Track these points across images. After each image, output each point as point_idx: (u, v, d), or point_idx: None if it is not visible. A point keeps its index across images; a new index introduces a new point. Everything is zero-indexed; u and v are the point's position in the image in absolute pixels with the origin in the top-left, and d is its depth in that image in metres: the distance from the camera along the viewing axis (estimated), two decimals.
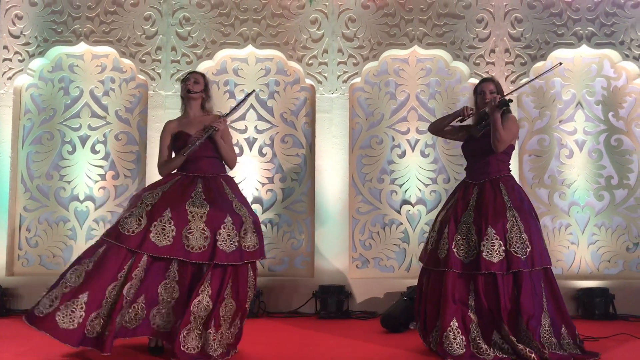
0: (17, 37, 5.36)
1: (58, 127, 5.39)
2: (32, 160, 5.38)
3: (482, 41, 5.28)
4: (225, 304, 3.38)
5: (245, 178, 5.29)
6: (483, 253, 3.42)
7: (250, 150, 5.35)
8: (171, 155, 3.75)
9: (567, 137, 5.29)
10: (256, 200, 5.30)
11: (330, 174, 5.22)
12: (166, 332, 3.36)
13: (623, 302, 4.88)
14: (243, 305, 3.50)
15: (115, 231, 3.38)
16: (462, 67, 5.33)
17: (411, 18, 5.31)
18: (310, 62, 5.31)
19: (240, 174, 5.22)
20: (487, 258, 3.41)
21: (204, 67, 5.34)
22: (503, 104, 3.56)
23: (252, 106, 5.39)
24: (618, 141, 5.27)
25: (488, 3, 5.30)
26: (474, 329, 3.41)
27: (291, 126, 5.39)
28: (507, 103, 3.57)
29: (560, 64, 3.97)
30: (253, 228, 3.54)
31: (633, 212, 5.21)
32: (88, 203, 5.33)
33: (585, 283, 5.01)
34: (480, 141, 3.70)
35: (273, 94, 5.40)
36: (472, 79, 5.27)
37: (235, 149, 4.06)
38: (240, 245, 3.45)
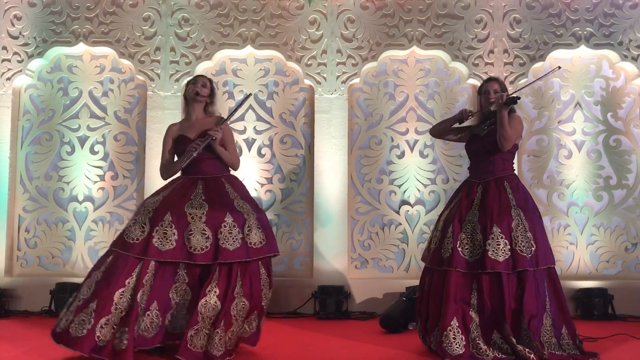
0: (16, 38, 5.35)
1: (57, 128, 5.38)
2: (31, 161, 5.38)
3: (481, 42, 5.28)
4: (236, 303, 3.38)
5: (244, 179, 5.25)
6: (488, 252, 3.42)
7: (249, 150, 5.35)
8: (173, 158, 3.78)
9: (566, 138, 5.30)
10: (255, 200, 5.28)
11: (329, 175, 5.22)
12: (181, 333, 3.38)
13: (622, 303, 4.88)
14: (258, 304, 3.50)
15: (120, 240, 3.45)
16: (461, 68, 5.33)
17: (410, 19, 5.31)
18: (309, 63, 5.31)
19: (239, 175, 5.19)
20: (493, 257, 3.41)
21: (203, 68, 5.35)
22: (511, 102, 3.53)
23: (251, 107, 5.39)
24: (617, 141, 5.27)
25: (487, 4, 5.31)
26: (474, 329, 3.41)
27: (290, 127, 5.39)
28: (515, 101, 3.53)
29: (559, 68, 3.97)
30: (257, 224, 3.54)
31: (632, 213, 5.22)
32: (87, 204, 5.33)
33: (584, 283, 5.01)
34: (484, 140, 3.69)
35: (272, 95, 5.40)
36: (471, 80, 5.28)
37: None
38: (244, 242, 3.44)
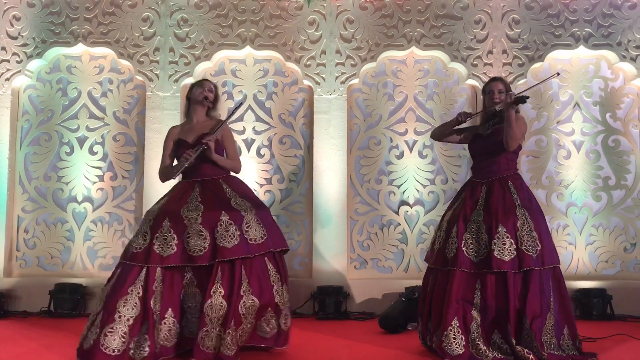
0: (15, 38, 5.35)
1: (56, 129, 5.38)
2: (30, 161, 5.37)
3: (480, 42, 5.29)
4: (244, 302, 3.37)
5: (243, 179, 5.26)
6: (494, 251, 3.41)
7: (248, 151, 5.35)
8: (172, 162, 3.80)
9: (565, 138, 5.30)
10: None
11: (328, 175, 5.22)
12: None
13: (621, 303, 4.89)
14: (270, 301, 3.48)
15: (126, 251, 3.51)
16: (460, 68, 5.33)
17: (409, 19, 5.32)
18: (308, 63, 5.31)
19: (238, 175, 5.20)
20: (499, 257, 3.40)
21: (202, 69, 5.34)
22: (519, 101, 3.51)
23: (250, 107, 5.39)
24: (615, 142, 5.28)
25: (485, 4, 5.31)
26: (475, 330, 3.40)
27: (289, 127, 5.39)
28: (525, 100, 3.50)
29: (557, 74, 3.99)
30: (257, 220, 3.54)
31: (630, 213, 5.22)
32: (86, 204, 5.33)
33: (583, 284, 5.01)
34: (488, 140, 3.70)
35: (271, 95, 5.40)
36: (470, 80, 5.29)
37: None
38: (243, 239, 3.44)
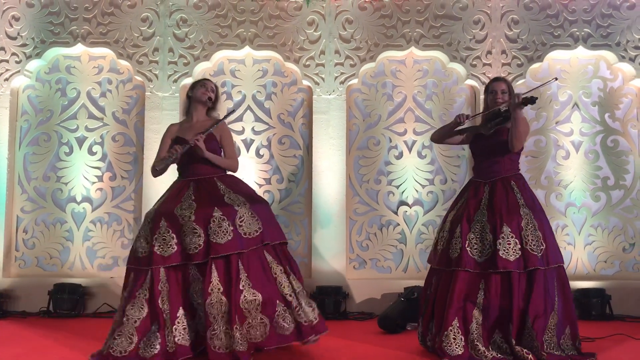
0: (14, 39, 5.35)
1: (55, 129, 5.38)
2: (29, 161, 5.37)
3: (479, 43, 5.29)
4: (244, 296, 3.37)
5: (242, 178, 5.28)
6: (500, 251, 3.41)
7: (247, 151, 5.35)
8: None
9: (564, 138, 5.31)
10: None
11: (327, 175, 5.22)
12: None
13: (619, 303, 4.89)
14: (276, 294, 3.45)
15: (132, 256, 3.56)
16: (459, 69, 5.34)
17: (408, 19, 5.32)
18: (307, 64, 5.31)
19: (237, 175, 5.21)
20: (504, 256, 3.40)
21: (201, 69, 5.35)
22: (528, 102, 3.48)
23: (249, 107, 5.39)
24: (614, 142, 5.28)
25: (484, 4, 5.31)
26: (474, 330, 3.39)
27: (288, 127, 5.39)
28: (534, 101, 3.47)
29: (555, 79, 4.01)
30: (251, 214, 3.54)
31: (629, 213, 5.23)
32: (85, 204, 5.33)
33: (581, 284, 5.01)
34: (490, 140, 3.69)
35: (270, 96, 5.40)
36: (469, 81, 5.29)
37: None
38: (237, 233, 3.45)
